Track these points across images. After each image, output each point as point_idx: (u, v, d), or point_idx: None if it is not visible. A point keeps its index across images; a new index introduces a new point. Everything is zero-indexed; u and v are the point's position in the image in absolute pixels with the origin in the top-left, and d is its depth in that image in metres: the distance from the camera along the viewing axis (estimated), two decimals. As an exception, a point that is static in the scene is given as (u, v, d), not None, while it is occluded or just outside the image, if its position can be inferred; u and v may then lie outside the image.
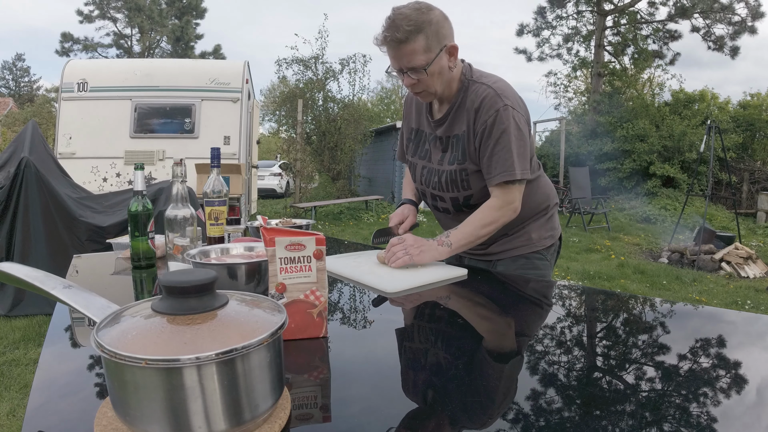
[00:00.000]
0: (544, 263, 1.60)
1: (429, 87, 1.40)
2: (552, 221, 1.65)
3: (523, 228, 1.59)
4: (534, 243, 1.59)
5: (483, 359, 0.84)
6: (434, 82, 1.39)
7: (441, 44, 1.34)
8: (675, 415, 0.65)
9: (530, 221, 1.60)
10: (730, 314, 1.14)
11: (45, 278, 0.72)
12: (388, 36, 1.32)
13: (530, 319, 1.10)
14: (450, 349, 0.88)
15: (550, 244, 1.62)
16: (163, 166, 7.02)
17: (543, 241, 1.60)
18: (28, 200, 3.72)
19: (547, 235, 1.62)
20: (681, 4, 12.94)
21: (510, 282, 1.43)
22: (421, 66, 1.34)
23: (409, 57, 1.33)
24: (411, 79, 1.38)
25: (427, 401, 0.68)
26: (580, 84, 16.16)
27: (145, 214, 1.44)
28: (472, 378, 0.75)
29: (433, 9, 1.34)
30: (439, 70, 1.37)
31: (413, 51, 1.32)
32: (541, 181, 1.62)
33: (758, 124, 12.53)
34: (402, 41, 1.31)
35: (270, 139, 24.74)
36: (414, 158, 1.65)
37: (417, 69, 1.35)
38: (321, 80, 12.13)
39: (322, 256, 0.86)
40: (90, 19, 23.69)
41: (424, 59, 1.33)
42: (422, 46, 1.32)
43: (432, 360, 0.83)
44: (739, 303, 4.70)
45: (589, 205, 9.53)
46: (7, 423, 2.31)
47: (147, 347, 0.51)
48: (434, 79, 1.38)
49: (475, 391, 0.71)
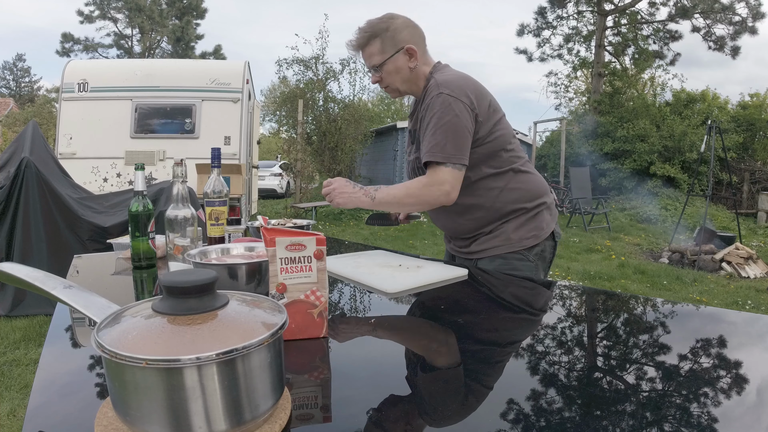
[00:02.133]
0: (525, 264, 1.58)
1: (390, 84, 1.60)
2: (536, 221, 1.61)
3: (500, 227, 1.59)
4: (513, 243, 1.57)
5: (483, 359, 0.84)
6: (393, 80, 1.59)
7: (396, 47, 1.55)
8: (675, 415, 0.65)
9: (509, 220, 1.59)
10: (730, 314, 1.14)
11: (45, 278, 0.72)
12: (353, 41, 1.59)
13: (531, 320, 1.10)
14: (450, 349, 0.88)
15: (532, 244, 1.59)
16: (164, 167, 7.02)
17: (524, 242, 1.58)
18: (29, 200, 3.72)
19: (529, 236, 1.59)
20: (681, 5, 12.93)
21: (510, 283, 1.42)
22: (376, 65, 1.57)
23: (368, 58, 1.59)
24: (375, 76, 1.61)
25: (428, 402, 0.68)
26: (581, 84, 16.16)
27: (145, 215, 1.44)
28: (472, 378, 0.75)
29: (396, 18, 1.57)
30: (395, 69, 1.57)
31: (371, 53, 1.57)
32: (521, 177, 1.60)
33: (759, 124, 12.51)
34: (361, 45, 1.58)
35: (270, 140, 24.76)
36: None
37: (375, 67, 1.58)
38: (321, 80, 12.13)
39: (322, 256, 0.86)
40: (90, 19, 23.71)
41: (379, 59, 1.56)
42: (377, 49, 1.56)
43: (432, 360, 0.83)
44: (739, 303, 4.70)
45: (590, 206, 9.52)
46: (7, 423, 2.31)
47: (147, 347, 0.51)
48: (393, 77, 1.58)
49: (476, 391, 0.71)
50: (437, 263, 1.51)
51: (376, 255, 1.59)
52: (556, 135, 13.45)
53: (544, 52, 14.80)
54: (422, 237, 7.85)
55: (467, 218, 1.61)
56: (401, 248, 6.75)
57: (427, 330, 1.00)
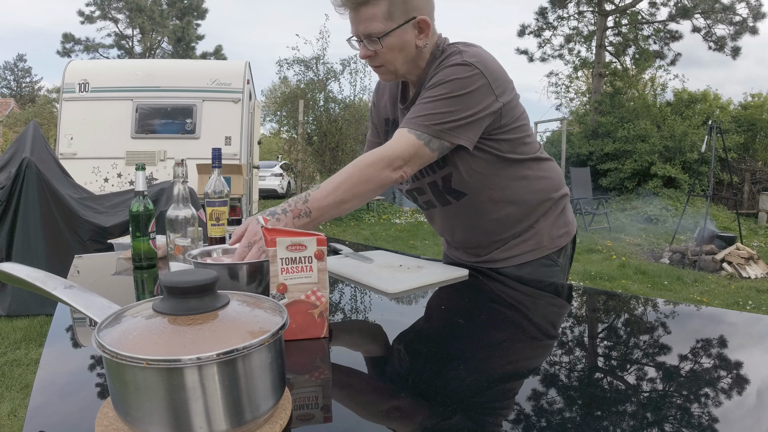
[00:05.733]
0: (554, 270, 1.38)
1: (387, 63, 1.21)
2: (566, 214, 1.41)
3: (533, 227, 1.35)
4: (545, 246, 1.36)
5: (484, 359, 0.84)
6: (394, 58, 1.20)
7: (408, 15, 1.17)
8: (676, 416, 0.65)
9: (541, 217, 1.36)
10: (731, 315, 1.14)
11: (46, 278, 0.72)
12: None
13: (531, 320, 1.10)
14: (451, 349, 0.88)
15: (563, 244, 1.38)
16: (165, 167, 7.02)
17: (556, 241, 1.37)
18: (29, 201, 3.72)
19: (561, 233, 1.38)
20: (682, 5, 12.93)
21: (511, 283, 1.42)
22: (377, 34, 1.16)
23: (365, 23, 1.16)
24: (367, 50, 1.20)
25: (428, 402, 0.68)
26: (582, 84, 16.17)
27: (146, 215, 1.44)
28: (472, 378, 0.75)
29: None
30: (400, 45, 1.19)
31: (372, 15, 1.15)
32: (544, 165, 1.38)
33: (759, 125, 12.51)
34: (361, 3, 1.15)
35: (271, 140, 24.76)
36: None
37: (372, 37, 1.17)
38: (322, 81, 12.13)
39: (323, 256, 0.86)
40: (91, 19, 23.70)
41: (382, 27, 1.16)
42: (383, 12, 1.15)
43: (433, 360, 0.83)
44: (740, 304, 4.69)
45: (591, 206, 9.51)
46: (8, 423, 2.32)
47: (148, 347, 0.51)
48: (394, 54, 1.20)
49: (476, 392, 0.71)
50: (438, 263, 1.51)
51: (377, 255, 1.59)
52: (557, 135, 13.45)
53: (545, 53, 14.81)
54: (423, 237, 7.85)
55: (491, 218, 1.34)
56: (402, 248, 6.75)
57: (427, 330, 1.00)
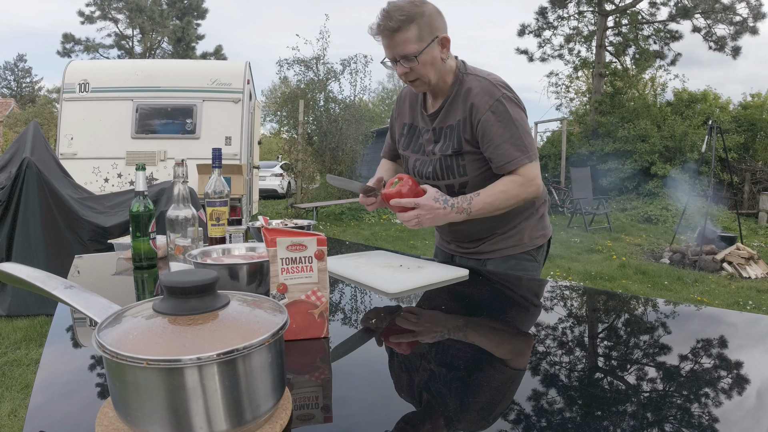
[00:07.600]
0: (533, 264, 1.60)
1: (422, 76, 1.45)
2: (543, 220, 1.65)
3: (516, 227, 1.59)
4: (525, 243, 1.59)
5: (484, 360, 0.84)
6: (427, 71, 1.45)
7: (433, 35, 1.41)
8: (676, 416, 0.65)
9: (523, 220, 1.59)
10: (731, 315, 1.14)
11: (46, 278, 0.72)
12: (382, 25, 1.40)
13: (531, 320, 1.10)
14: (451, 349, 0.88)
15: (540, 244, 1.62)
16: (165, 167, 7.03)
17: (534, 241, 1.60)
18: (30, 201, 3.72)
19: (538, 235, 1.62)
20: (682, 5, 12.92)
21: (510, 283, 1.42)
22: (413, 54, 1.40)
23: (402, 46, 1.40)
24: (404, 68, 1.44)
25: (428, 402, 0.68)
26: (582, 84, 16.15)
27: (146, 215, 1.44)
28: (473, 379, 0.75)
29: (426, 3, 1.42)
30: (431, 60, 1.43)
31: (406, 40, 1.39)
32: None
33: (760, 125, 12.49)
34: (395, 30, 1.38)
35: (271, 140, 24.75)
36: (407, 151, 1.66)
37: (409, 57, 1.41)
38: (322, 81, 12.12)
39: (323, 256, 0.86)
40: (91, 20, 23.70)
41: (416, 47, 1.40)
42: (414, 35, 1.39)
43: (433, 360, 0.83)
44: (740, 304, 4.69)
45: (591, 206, 9.51)
46: (8, 423, 2.32)
47: (148, 347, 0.51)
48: (427, 68, 1.44)
49: (477, 392, 0.71)
50: (438, 263, 1.51)
51: (377, 255, 1.59)
52: (557, 135, 13.45)
53: (545, 53, 14.78)
54: (423, 237, 7.85)
55: (487, 218, 1.53)
56: (402, 248, 6.74)
57: (427, 330, 1.00)
